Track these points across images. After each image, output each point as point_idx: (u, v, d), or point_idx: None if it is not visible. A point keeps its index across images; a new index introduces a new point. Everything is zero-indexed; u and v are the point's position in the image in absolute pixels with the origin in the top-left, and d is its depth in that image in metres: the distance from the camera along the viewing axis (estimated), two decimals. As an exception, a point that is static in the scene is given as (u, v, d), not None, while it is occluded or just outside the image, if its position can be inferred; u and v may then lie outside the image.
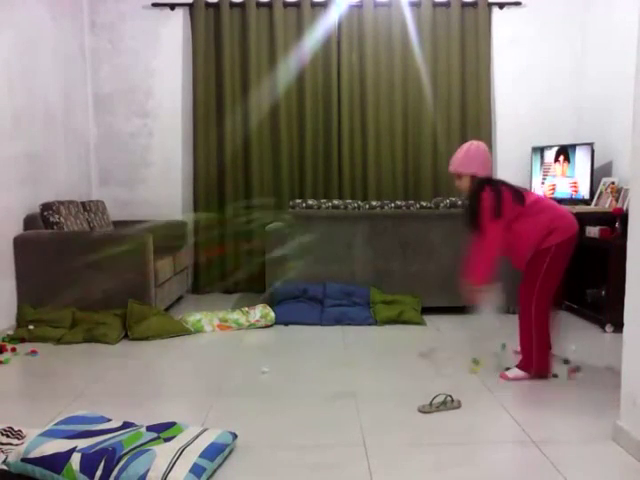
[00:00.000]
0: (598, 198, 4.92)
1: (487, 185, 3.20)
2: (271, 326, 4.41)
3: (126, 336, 4.09)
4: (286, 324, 4.45)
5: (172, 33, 5.69)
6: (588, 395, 2.98)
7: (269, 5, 5.57)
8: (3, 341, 3.93)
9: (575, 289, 4.65)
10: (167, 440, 2.27)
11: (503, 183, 3.27)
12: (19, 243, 4.24)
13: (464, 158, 3.28)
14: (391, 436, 2.52)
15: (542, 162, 5.46)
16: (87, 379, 3.28)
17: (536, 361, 3.21)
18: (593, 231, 4.37)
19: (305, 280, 4.70)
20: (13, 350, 3.79)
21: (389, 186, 5.70)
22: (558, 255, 3.17)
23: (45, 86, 4.78)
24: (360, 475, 2.21)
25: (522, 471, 2.23)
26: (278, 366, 3.47)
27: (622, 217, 4.14)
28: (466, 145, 3.32)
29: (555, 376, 3.25)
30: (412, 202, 4.82)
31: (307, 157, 5.66)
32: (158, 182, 5.80)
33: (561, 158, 5.24)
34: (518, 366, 3.28)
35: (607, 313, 4.17)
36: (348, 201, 4.83)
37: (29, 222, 4.37)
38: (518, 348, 3.38)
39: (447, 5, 5.61)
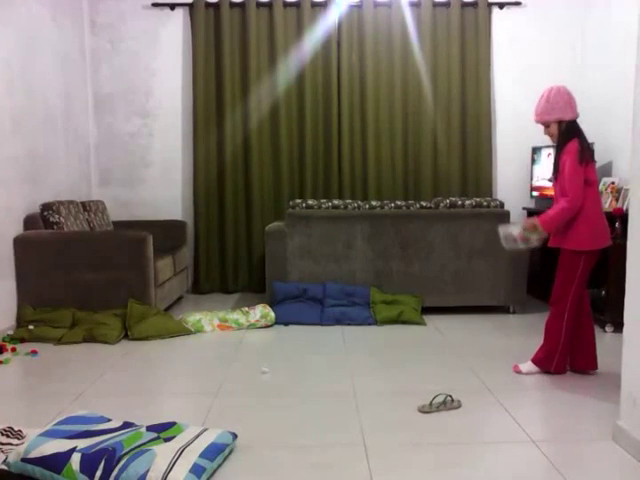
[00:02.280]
0: (598, 198, 4.92)
1: (576, 136, 3.13)
2: (271, 326, 4.41)
3: (126, 336, 4.10)
4: (286, 324, 4.45)
5: (172, 33, 5.69)
6: (588, 395, 2.98)
7: (269, 5, 5.57)
8: (3, 341, 3.93)
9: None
10: (167, 440, 2.27)
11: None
12: (19, 243, 4.24)
13: (547, 105, 3.17)
14: (391, 436, 2.52)
15: (542, 162, 5.45)
16: (87, 379, 3.28)
17: (559, 361, 3.25)
18: (593, 231, 4.36)
19: (305, 280, 4.71)
20: (13, 350, 3.79)
21: (389, 186, 5.70)
22: (590, 260, 3.15)
23: (45, 86, 4.78)
24: (360, 475, 2.21)
25: (522, 471, 2.23)
26: (278, 366, 3.47)
27: (622, 217, 4.14)
28: (545, 91, 3.21)
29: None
30: (412, 202, 4.82)
31: (307, 157, 5.66)
32: (158, 182, 5.80)
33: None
34: (534, 361, 3.31)
35: (607, 313, 4.17)
36: (348, 201, 4.83)
37: (29, 222, 4.37)
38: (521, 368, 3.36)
39: (447, 5, 5.61)
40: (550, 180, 3.33)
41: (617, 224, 4.21)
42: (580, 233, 3.10)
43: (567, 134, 3.16)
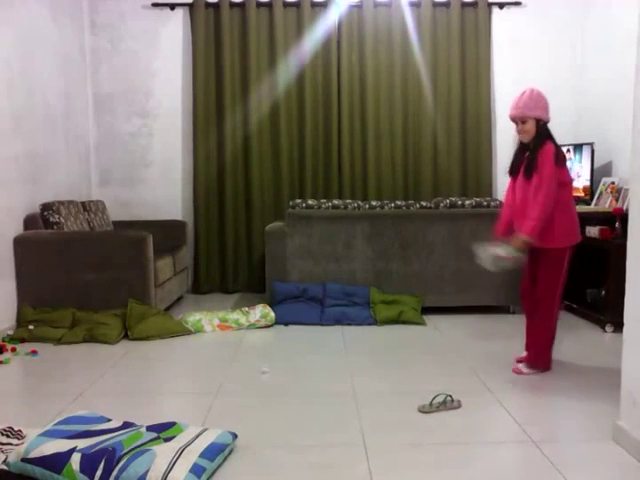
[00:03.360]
0: (598, 198, 4.92)
1: (550, 138, 3.20)
2: (271, 326, 4.41)
3: (126, 336, 4.09)
4: (286, 324, 4.45)
5: (172, 33, 5.69)
6: (588, 395, 2.98)
7: (269, 5, 5.57)
8: (3, 341, 3.93)
9: (575, 289, 4.65)
10: (167, 440, 2.27)
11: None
12: (19, 243, 4.24)
13: (529, 100, 3.19)
14: (391, 436, 2.52)
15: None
16: (87, 379, 3.28)
17: (547, 358, 3.32)
18: (593, 231, 4.37)
19: (305, 280, 4.70)
20: (13, 350, 3.79)
21: (389, 186, 5.70)
22: (570, 255, 3.26)
23: (45, 86, 4.78)
24: (360, 475, 2.21)
25: (522, 471, 2.23)
26: (278, 366, 3.47)
27: (622, 217, 4.14)
28: (527, 90, 3.23)
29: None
30: (412, 202, 4.82)
31: (307, 157, 5.66)
32: (158, 182, 5.80)
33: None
34: (528, 364, 3.33)
35: (607, 313, 4.17)
36: (348, 201, 4.83)
37: (29, 222, 4.37)
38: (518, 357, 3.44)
39: (447, 5, 5.61)
40: (511, 176, 3.39)
41: (617, 224, 4.21)
42: (566, 230, 3.20)
43: (544, 135, 3.21)
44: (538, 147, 3.19)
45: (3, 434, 2.44)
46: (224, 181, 5.66)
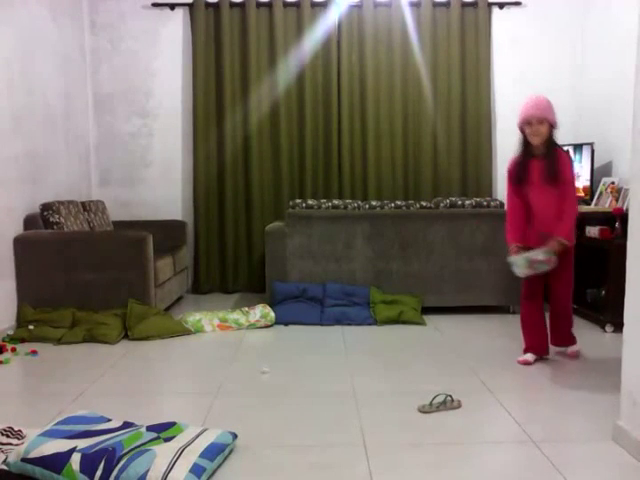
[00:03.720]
0: (598, 198, 4.92)
1: (557, 144, 3.33)
2: (271, 326, 4.41)
3: (126, 336, 4.10)
4: (286, 324, 4.45)
5: (172, 33, 5.69)
6: (588, 395, 2.98)
7: (269, 5, 5.57)
8: (3, 341, 3.93)
9: (575, 289, 4.63)
10: (167, 440, 2.27)
11: None
12: (19, 243, 4.24)
13: (549, 104, 3.26)
14: (391, 436, 2.52)
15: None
16: (87, 379, 3.28)
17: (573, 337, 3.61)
18: (593, 231, 4.38)
19: (305, 280, 4.70)
20: (13, 350, 3.79)
21: (389, 186, 5.70)
22: None
23: (45, 86, 4.78)
24: (360, 475, 2.21)
25: (522, 471, 2.23)
26: (278, 366, 3.47)
27: (622, 217, 4.14)
28: (540, 95, 3.32)
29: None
30: (412, 202, 4.82)
31: (307, 157, 5.66)
32: (158, 182, 5.81)
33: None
34: (570, 345, 3.61)
35: (607, 313, 4.17)
36: (348, 201, 4.83)
37: (29, 222, 4.37)
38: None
39: (447, 5, 5.61)
40: (517, 182, 3.44)
41: (617, 224, 4.21)
42: (574, 229, 3.37)
43: (554, 141, 3.32)
44: (554, 153, 3.28)
45: (3, 434, 2.44)
46: (224, 181, 5.66)
